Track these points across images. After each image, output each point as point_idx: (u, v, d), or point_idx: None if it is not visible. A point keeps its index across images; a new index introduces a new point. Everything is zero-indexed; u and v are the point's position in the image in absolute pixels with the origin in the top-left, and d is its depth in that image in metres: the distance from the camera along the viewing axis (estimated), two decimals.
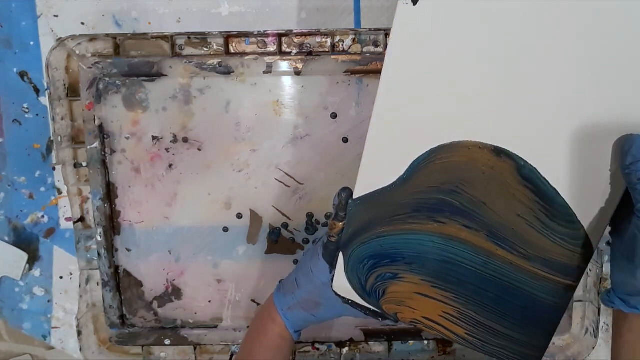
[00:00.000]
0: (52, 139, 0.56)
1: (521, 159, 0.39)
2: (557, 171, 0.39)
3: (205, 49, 0.53)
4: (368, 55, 0.52)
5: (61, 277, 0.59)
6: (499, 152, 0.39)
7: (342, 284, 0.44)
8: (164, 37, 0.52)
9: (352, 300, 0.45)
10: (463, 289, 0.43)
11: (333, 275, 0.44)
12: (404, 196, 0.41)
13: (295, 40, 0.53)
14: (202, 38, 0.53)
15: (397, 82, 0.39)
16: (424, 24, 0.37)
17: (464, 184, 0.40)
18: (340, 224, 0.43)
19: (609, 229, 0.40)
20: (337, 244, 0.43)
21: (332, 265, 0.44)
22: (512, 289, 0.42)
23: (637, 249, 0.34)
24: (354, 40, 0.53)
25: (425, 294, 0.43)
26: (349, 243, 0.43)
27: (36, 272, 0.59)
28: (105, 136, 0.54)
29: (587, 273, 0.57)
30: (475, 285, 0.42)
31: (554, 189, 0.39)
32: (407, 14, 0.37)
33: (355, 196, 0.42)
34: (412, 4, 0.36)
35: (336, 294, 0.44)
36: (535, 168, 0.39)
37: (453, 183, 0.40)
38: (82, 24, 0.54)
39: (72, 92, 0.54)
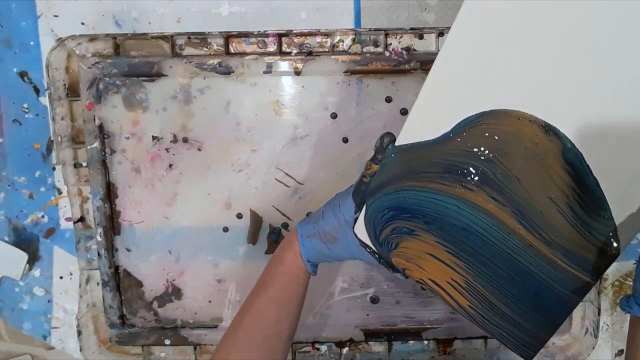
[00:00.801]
0: (52, 139, 0.56)
1: (569, 140, 0.38)
2: (603, 162, 0.38)
3: (205, 49, 0.53)
4: (368, 55, 0.52)
5: (61, 277, 0.59)
6: (548, 129, 0.38)
7: (362, 227, 0.44)
8: (164, 37, 0.52)
9: (368, 245, 0.45)
10: (476, 260, 0.42)
11: (357, 217, 0.44)
12: (438, 155, 0.41)
13: (295, 40, 0.53)
14: (202, 38, 0.53)
15: (466, 37, 0.38)
16: None
17: (502, 155, 0.40)
18: (376, 166, 0.42)
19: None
20: (369, 185, 0.43)
21: (359, 207, 0.44)
22: (525, 272, 0.41)
23: None
24: (354, 40, 0.53)
25: (437, 257, 0.43)
26: (375, 191, 0.43)
27: (36, 272, 0.59)
28: (105, 136, 0.54)
29: None
30: (489, 260, 0.42)
31: (595, 179, 0.38)
32: None
33: (397, 143, 0.42)
34: None
35: (355, 235, 0.44)
36: (581, 153, 0.38)
37: (491, 151, 0.40)
38: (82, 24, 0.54)
39: (72, 92, 0.54)
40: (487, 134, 0.40)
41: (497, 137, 0.39)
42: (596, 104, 0.37)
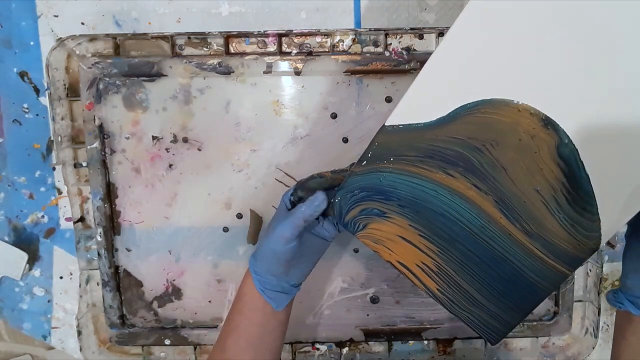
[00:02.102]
0: (52, 139, 0.56)
1: (567, 136, 0.38)
2: (596, 159, 0.38)
3: (205, 49, 0.53)
4: (368, 55, 0.52)
5: (61, 277, 0.59)
6: (547, 122, 0.39)
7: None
8: (164, 37, 0.52)
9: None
10: (450, 245, 0.42)
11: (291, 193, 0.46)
12: (424, 140, 0.41)
13: (295, 40, 0.53)
14: (202, 38, 0.53)
15: (476, 22, 0.38)
16: None
17: (493, 145, 0.40)
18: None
19: (623, 230, 0.40)
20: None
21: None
22: (501, 260, 0.42)
23: None
24: (354, 40, 0.53)
25: (409, 240, 0.43)
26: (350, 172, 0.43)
27: (36, 272, 0.59)
28: (105, 136, 0.54)
29: (587, 273, 0.57)
30: (464, 246, 0.42)
31: (587, 175, 0.39)
32: None
33: (387, 124, 0.41)
34: None
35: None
36: (577, 149, 0.39)
37: (482, 141, 0.40)
38: (82, 24, 0.54)
39: (72, 92, 0.54)
40: (482, 122, 0.40)
41: (492, 127, 0.40)
42: (601, 102, 0.38)
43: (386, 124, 0.41)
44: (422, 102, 0.40)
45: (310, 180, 0.46)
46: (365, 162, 0.42)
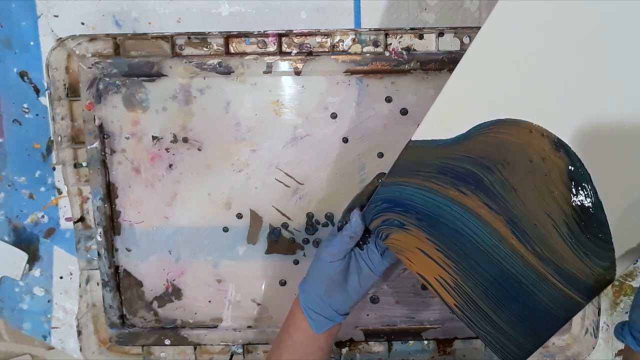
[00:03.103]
0: (52, 139, 0.56)
1: (579, 159, 0.38)
2: (610, 186, 0.37)
3: (205, 49, 0.53)
4: (368, 55, 0.52)
5: (61, 277, 0.59)
6: (559, 145, 0.38)
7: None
8: (164, 37, 0.52)
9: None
10: (465, 262, 0.42)
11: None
12: (440, 156, 0.41)
13: (295, 40, 0.53)
14: (202, 38, 0.53)
15: (493, 43, 0.38)
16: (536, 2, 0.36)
17: (504, 165, 0.40)
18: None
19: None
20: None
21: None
22: (514, 282, 0.41)
23: None
24: (354, 40, 0.53)
25: (427, 253, 0.43)
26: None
27: (36, 272, 0.59)
28: (105, 136, 0.54)
29: None
30: (478, 264, 0.42)
31: (600, 201, 0.38)
32: None
33: (413, 138, 0.42)
34: None
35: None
36: (589, 174, 0.38)
37: (493, 160, 0.40)
38: (82, 24, 0.54)
39: (72, 92, 0.54)
40: (494, 142, 0.40)
41: (504, 146, 0.39)
42: (614, 129, 0.37)
43: (411, 139, 0.42)
44: (444, 119, 0.41)
45: (351, 201, 0.47)
46: (390, 175, 0.43)
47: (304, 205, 0.55)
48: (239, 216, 0.55)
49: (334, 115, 0.53)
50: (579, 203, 0.38)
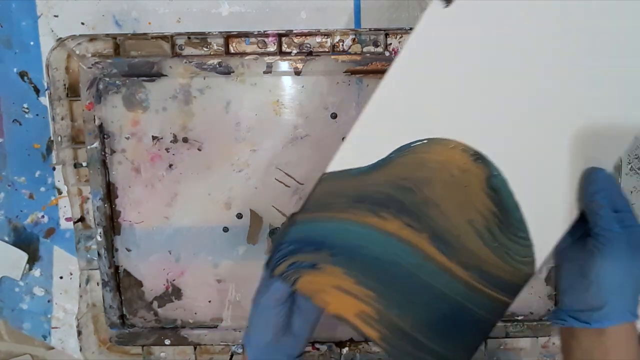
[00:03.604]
0: (52, 139, 0.56)
1: (496, 168, 0.40)
2: (525, 186, 0.40)
3: (205, 49, 0.53)
4: (368, 55, 0.52)
5: (61, 277, 0.59)
6: (477, 157, 0.40)
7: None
8: (164, 37, 0.52)
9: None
10: (389, 290, 0.41)
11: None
12: (359, 184, 0.41)
13: (295, 40, 0.53)
14: (202, 38, 0.53)
15: (409, 69, 0.39)
16: (448, 25, 0.38)
17: (425, 183, 0.40)
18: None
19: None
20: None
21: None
22: (442, 297, 0.41)
23: (593, 267, 0.37)
24: (354, 40, 0.53)
25: (346, 289, 0.41)
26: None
27: (36, 272, 0.59)
28: (105, 136, 0.54)
29: None
30: (404, 288, 0.41)
31: (516, 202, 0.40)
32: (437, 13, 0.38)
33: (328, 170, 0.41)
34: (444, 4, 0.38)
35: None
36: (506, 179, 0.40)
37: (415, 180, 0.40)
38: (82, 24, 0.54)
39: (72, 92, 0.54)
40: (415, 162, 0.40)
41: (425, 166, 0.40)
42: (525, 136, 0.40)
43: (325, 172, 0.41)
44: (363, 146, 0.40)
45: (273, 236, 0.44)
46: (302, 213, 0.41)
47: None
48: (239, 216, 0.56)
49: (334, 115, 0.53)
50: (498, 207, 0.40)
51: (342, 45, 0.53)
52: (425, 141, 0.40)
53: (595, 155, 0.39)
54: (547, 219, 0.41)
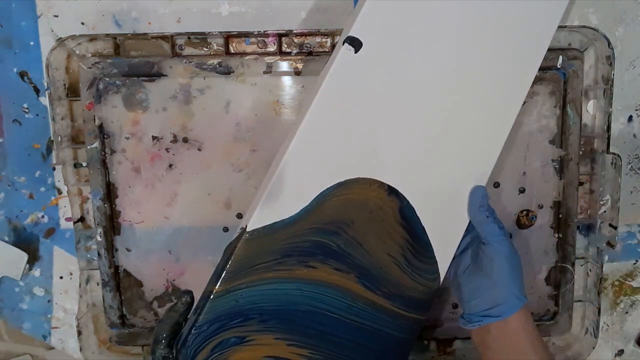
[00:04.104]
0: (52, 139, 0.56)
1: (405, 198, 0.43)
2: (429, 212, 0.44)
3: (205, 49, 0.53)
4: None
5: (61, 277, 0.59)
6: (391, 191, 0.43)
7: None
8: (164, 37, 0.52)
9: None
10: (322, 341, 0.41)
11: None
12: (279, 241, 0.40)
13: (295, 40, 0.53)
14: (202, 38, 0.53)
15: (324, 113, 0.40)
16: (357, 68, 0.40)
17: (349, 224, 0.42)
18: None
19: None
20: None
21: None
22: (371, 333, 0.43)
23: (493, 267, 0.43)
24: None
25: (277, 356, 0.40)
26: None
27: (36, 272, 0.59)
28: (105, 136, 0.54)
29: (587, 273, 0.57)
30: (336, 335, 0.42)
31: (423, 227, 0.44)
32: (348, 58, 0.40)
33: (250, 228, 0.39)
34: (353, 51, 0.40)
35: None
36: (413, 207, 0.43)
37: (339, 222, 0.41)
38: (82, 24, 0.54)
39: (72, 92, 0.54)
40: (338, 205, 0.41)
41: (347, 206, 0.42)
42: (430, 171, 0.44)
43: (247, 230, 0.39)
44: (284, 197, 0.40)
45: (152, 344, 0.38)
46: (222, 284, 0.39)
47: None
48: (239, 216, 0.55)
49: None
50: (410, 234, 0.43)
51: None
52: (345, 182, 0.41)
53: (473, 172, 0.45)
54: (445, 236, 0.45)
